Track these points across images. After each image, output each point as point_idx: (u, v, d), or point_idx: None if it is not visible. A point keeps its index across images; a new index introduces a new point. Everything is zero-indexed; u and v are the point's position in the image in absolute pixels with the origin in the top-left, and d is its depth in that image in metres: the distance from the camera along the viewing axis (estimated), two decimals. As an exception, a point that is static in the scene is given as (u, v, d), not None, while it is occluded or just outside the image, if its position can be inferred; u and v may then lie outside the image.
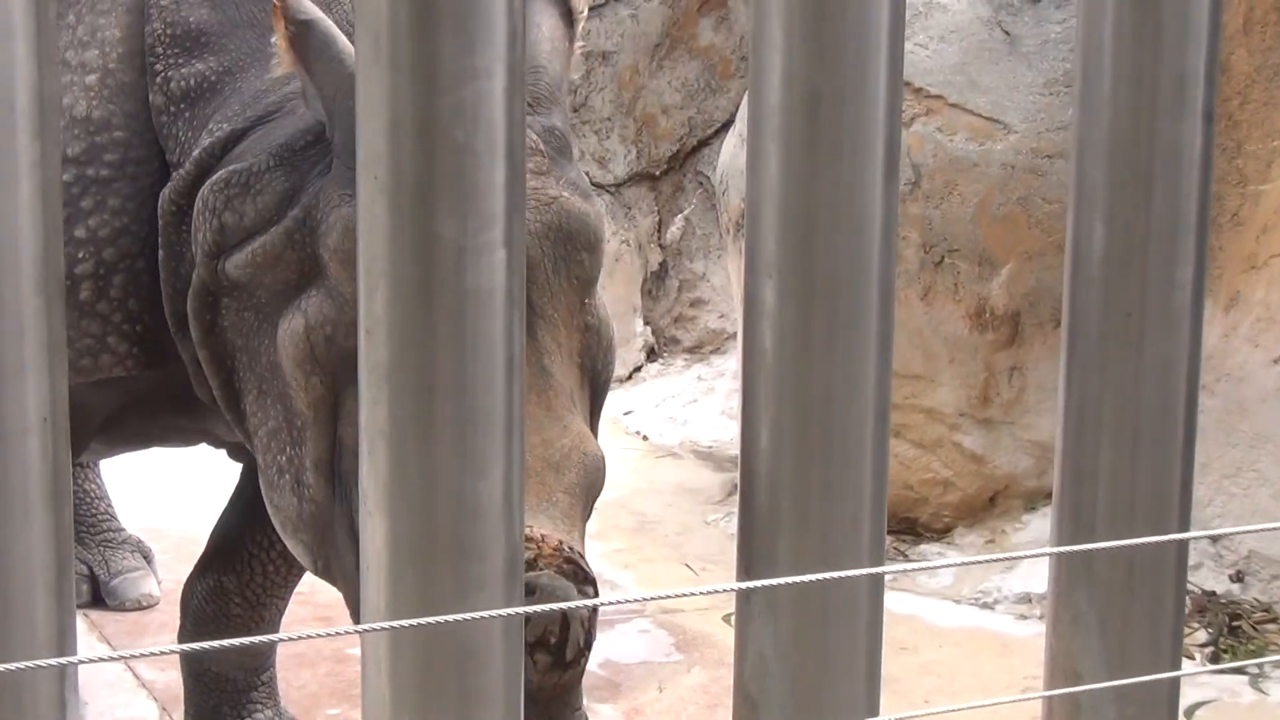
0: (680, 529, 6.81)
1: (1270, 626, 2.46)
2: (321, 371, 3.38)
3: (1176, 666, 2.96)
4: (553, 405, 3.34)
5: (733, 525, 6.83)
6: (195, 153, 3.61)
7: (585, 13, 3.74)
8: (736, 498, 6.97)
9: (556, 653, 2.96)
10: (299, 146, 3.50)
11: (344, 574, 3.52)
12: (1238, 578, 4.98)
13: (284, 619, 4.60)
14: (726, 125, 8.41)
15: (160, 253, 3.65)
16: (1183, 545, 3.17)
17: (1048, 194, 6.30)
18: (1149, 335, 3.21)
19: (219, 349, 3.53)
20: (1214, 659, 2.43)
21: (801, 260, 2.85)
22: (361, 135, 2.60)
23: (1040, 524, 6.42)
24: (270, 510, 3.52)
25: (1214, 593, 5.27)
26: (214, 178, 3.54)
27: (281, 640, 2.22)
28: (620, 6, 8.89)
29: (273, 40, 3.44)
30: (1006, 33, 6.53)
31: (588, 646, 3.07)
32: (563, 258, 3.42)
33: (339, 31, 3.44)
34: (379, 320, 2.60)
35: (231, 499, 4.53)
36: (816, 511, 2.95)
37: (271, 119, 3.60)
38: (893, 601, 5.84)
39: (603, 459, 3.51)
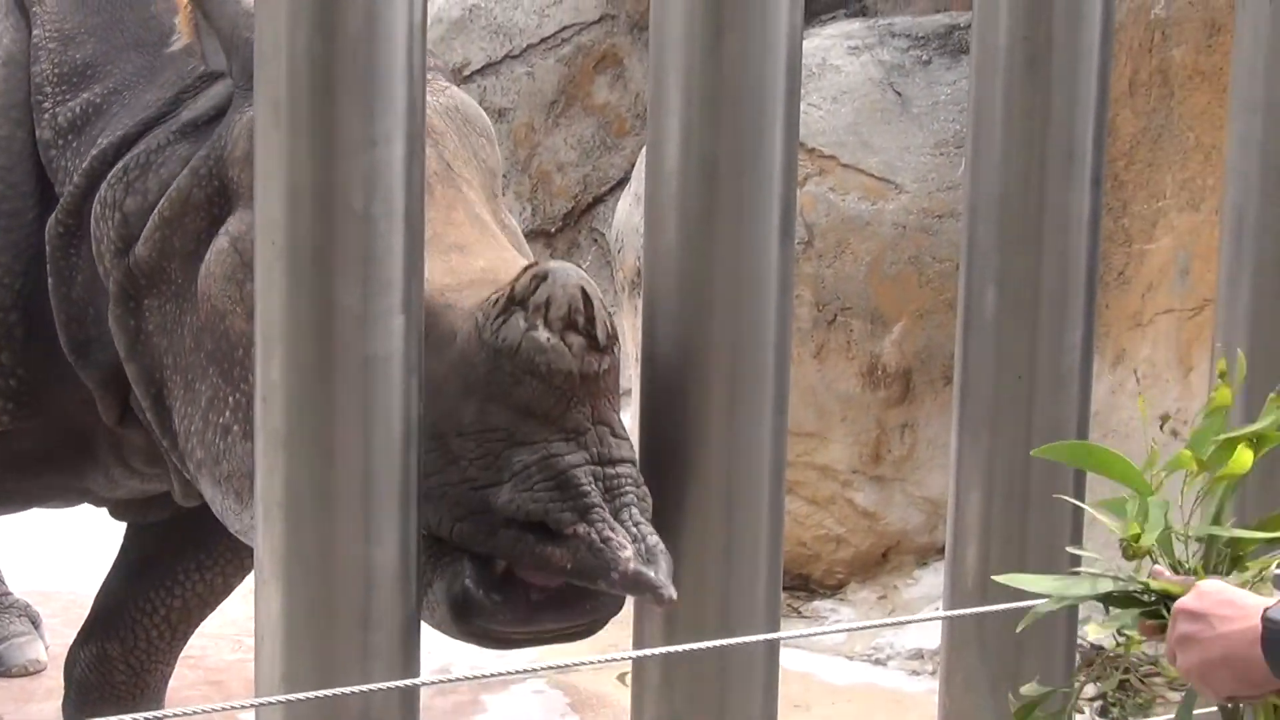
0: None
1: (1157, 680, 2.50)
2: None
3: (1069, 725, 3.00)
4: (495, 237, 3.32)
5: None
6: (84, 164, 3.58)
7: None
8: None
9: (588, 334, 2.81)
10: (201, 123, 3.48)
11: None
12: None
13: (173, 682, 4.54)
14: (622, 183, 8.44)
15: (50, 280, 3.61)
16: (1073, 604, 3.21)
17: (938, 253, 6.37)
18: (1039, 396, 3.26)
19: (146, 358, 3.46)
20: (1104, 713, 2.46)
21: (700, 323, 2.87)
22: (260, 202, 2.60)
23: (932, 579, 6.45)
24: (221, 491, 3.38)
25: (1102, 647, 5.31)
26: (110, 173, 3.51)
27: (172, 715, 2.19)
28: (516, 64, 8.93)
29: (176, 20, 3.47)
30: (898, 94, 6.61)
31: (614, 339, 2.92)
32: (465, 135, 3.44)
33: None
34: (275, 387, 2.59)
35: (115, 563, 4.46)
36: (714, 575, 2.96)
37: (166, 120, 3.57)
38: (786, 659, 5.85)
39: None
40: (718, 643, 2.76)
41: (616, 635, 6.09)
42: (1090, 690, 2.38)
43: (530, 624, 2.80)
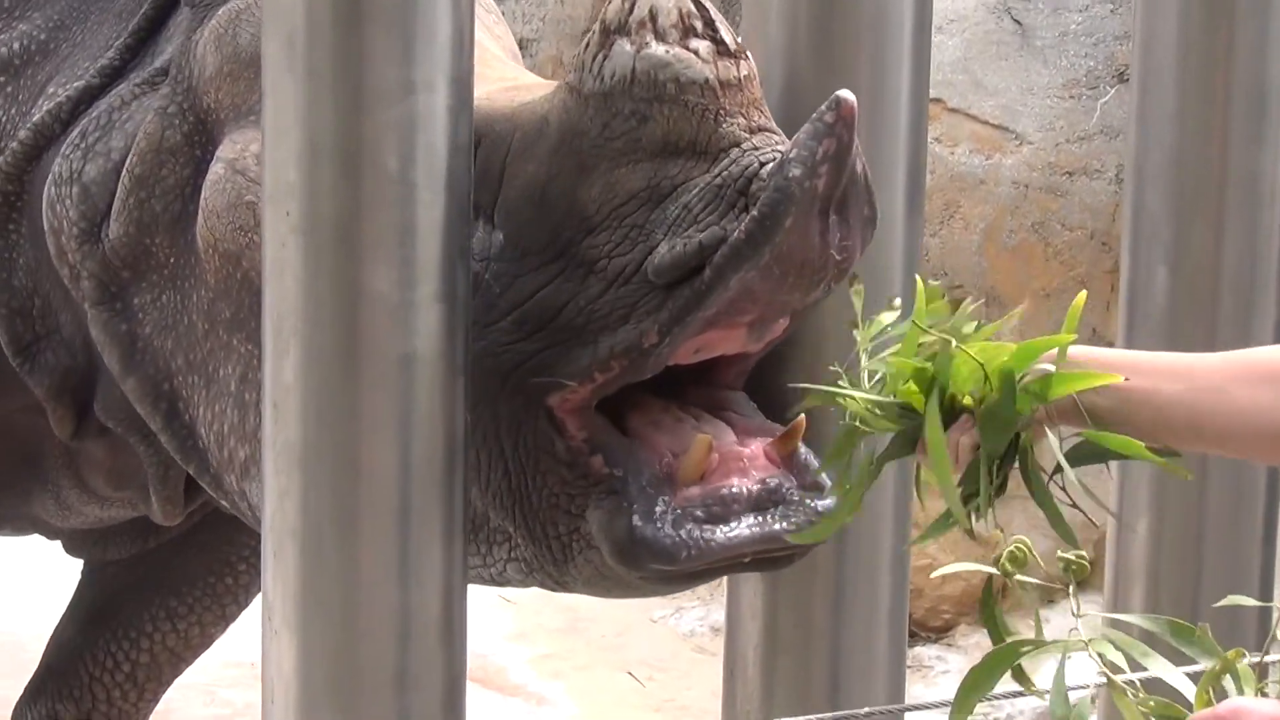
0: (620, 628, 6.78)
1: None
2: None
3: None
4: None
5: (683, 623, 6.81)
6: (33, 116, 3.49)
7: None
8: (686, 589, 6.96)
9: (712, 37, 2.65)
10: (171, 70, 3.40)
11: None
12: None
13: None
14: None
15: None
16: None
17: (1069, 219, 6.33)
18: (1222, 403, 3.23)
19: (149, 367, 3.34)
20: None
21: (809, 310, 2.83)
22: (269, 162, 2.57)
23: (1060, 620, 6.39)
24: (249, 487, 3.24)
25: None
26: (66, 140, 3.42)
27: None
28: (540, -16, 8.90)
29: None
30: (1018, 23, 6.56)
31: (743, 46, 2.76)
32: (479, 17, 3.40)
33: None
34: (289, 391, 2.57)
35: (69, 609, 4.44)
36: (823, 627, 2.94)
37: (131, 68, 3.48)
38: (884, 718, 5.81)
39: None
40: (829, 716, 2.74)
41: (674, 687, 6.08)
42: None
43: (725, 548, 2.63)
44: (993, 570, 2.38)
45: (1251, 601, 2.78)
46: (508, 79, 2.99)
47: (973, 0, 6.60)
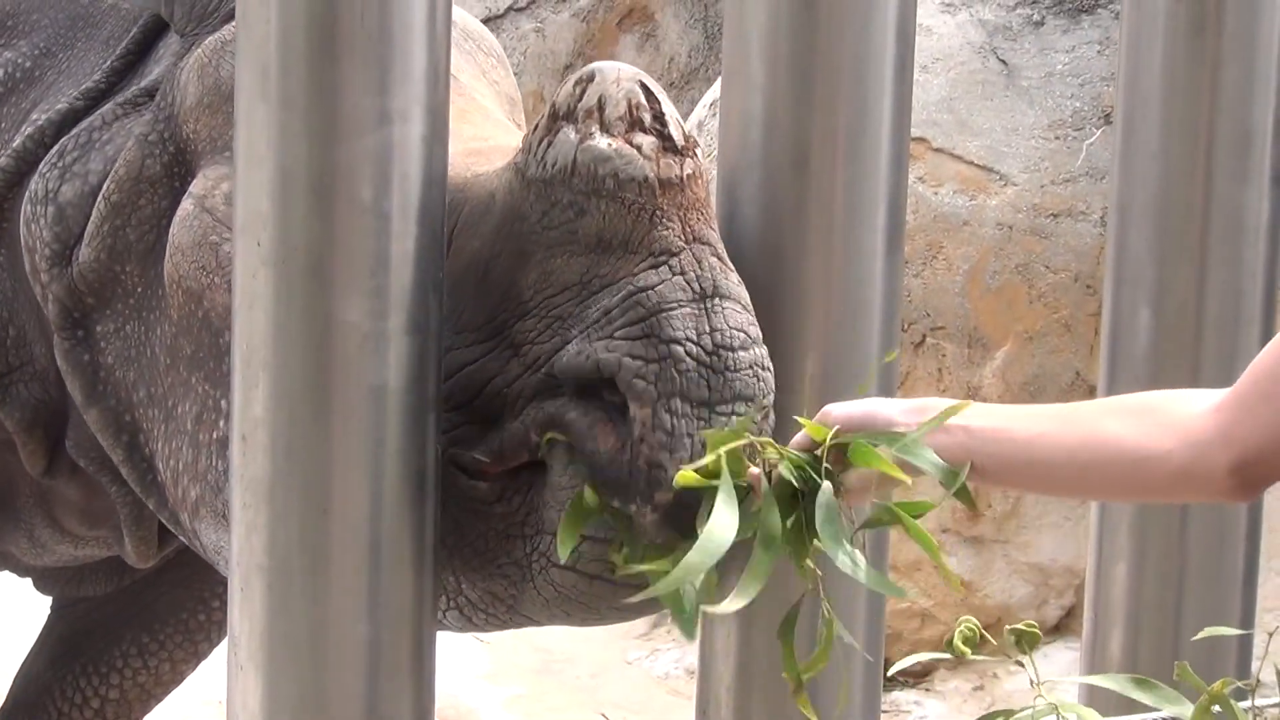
0: (595, 669, 6.78)
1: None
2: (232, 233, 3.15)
3: None
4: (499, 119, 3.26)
5: (658, 665, 6.80)
6: (14, 142, 3.48)
7: None
8: (663, 630, 6.94)
9: (659, 132, 2.65)
10: (156, 90, 3.39)
11: None
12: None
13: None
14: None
15: None
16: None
17: (1054, 261, 6.34)
18: (1202, 447, 3.23)
19: (110, 399, 3.34)
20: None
21: (785, 351, 2.83)
22: (240, 191, 2.57)
23: (1044, 666, 6.40)
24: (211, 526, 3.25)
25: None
26: (44, 160, 3.42)
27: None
28: (522, 18, 8.92)
29: None
30: (1004, 63, 6.58)
31: (692, 140, 2.76)
32: (470, 53, 3.40)
33: None
34: (258, 423, 2.56)
35: (38, 643, 4.43)
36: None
37: (117, 90, 3.48)
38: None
39: None
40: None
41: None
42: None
43: None
44: (945, 655, 2.42)
45: (1232, 631, 2.79)
46: (480, 137, 3.00)
47: (958, 39, 6.62)
